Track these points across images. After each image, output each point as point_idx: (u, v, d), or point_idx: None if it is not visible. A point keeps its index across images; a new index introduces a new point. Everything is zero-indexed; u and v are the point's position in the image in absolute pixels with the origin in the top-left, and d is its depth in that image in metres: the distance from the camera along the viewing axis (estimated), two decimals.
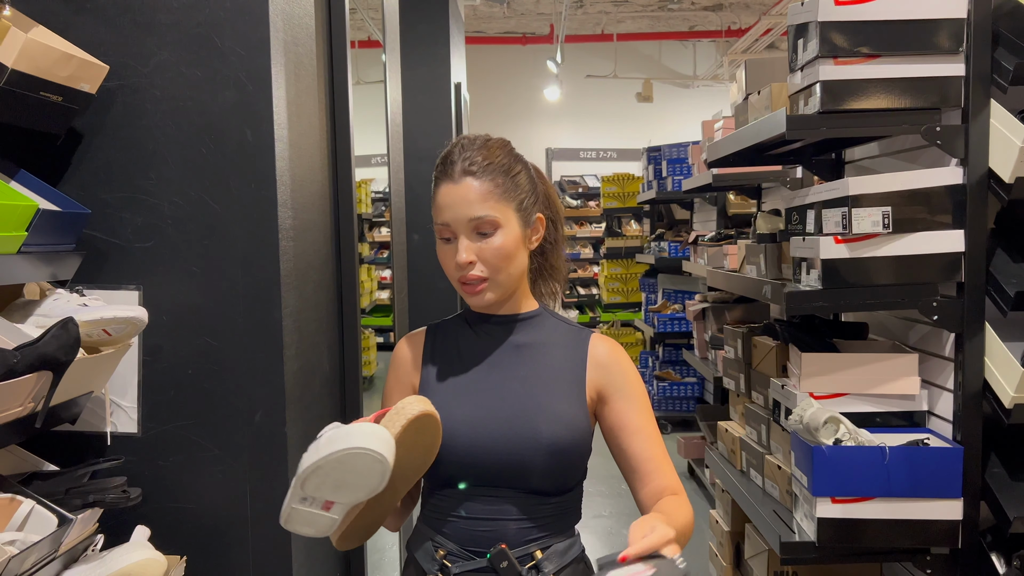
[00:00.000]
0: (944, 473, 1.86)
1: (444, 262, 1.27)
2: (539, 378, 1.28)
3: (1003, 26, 1.80)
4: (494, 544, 1.22)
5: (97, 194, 1.54)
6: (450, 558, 1.24)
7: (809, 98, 1.90)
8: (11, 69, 1.23)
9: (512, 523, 1.23)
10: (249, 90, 1.53)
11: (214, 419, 1.58)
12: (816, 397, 2.02)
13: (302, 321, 1.70)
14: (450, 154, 1.27)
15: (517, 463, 1.22)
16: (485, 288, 1.25)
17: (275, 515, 1.56)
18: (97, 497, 1.36)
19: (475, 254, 1.23)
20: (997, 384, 1.81)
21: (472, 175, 1.23)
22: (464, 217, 1.23)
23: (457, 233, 1.24)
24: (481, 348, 1.33)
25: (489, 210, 1.23)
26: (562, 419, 1.24)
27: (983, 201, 1.84)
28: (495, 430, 1.23)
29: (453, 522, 1.25)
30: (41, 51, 1.27)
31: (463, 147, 1.27)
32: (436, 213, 1.26)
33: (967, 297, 1.86)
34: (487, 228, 1.24)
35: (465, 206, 1.22)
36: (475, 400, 1.25)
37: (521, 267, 1.29)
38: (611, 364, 1.31)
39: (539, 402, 1.26)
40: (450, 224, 1.24)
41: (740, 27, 9.99)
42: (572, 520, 1.30)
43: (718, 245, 4.00)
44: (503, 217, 1.25)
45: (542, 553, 1.24)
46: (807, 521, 1.96)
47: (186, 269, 1.56)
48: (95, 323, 1.34)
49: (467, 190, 1.22)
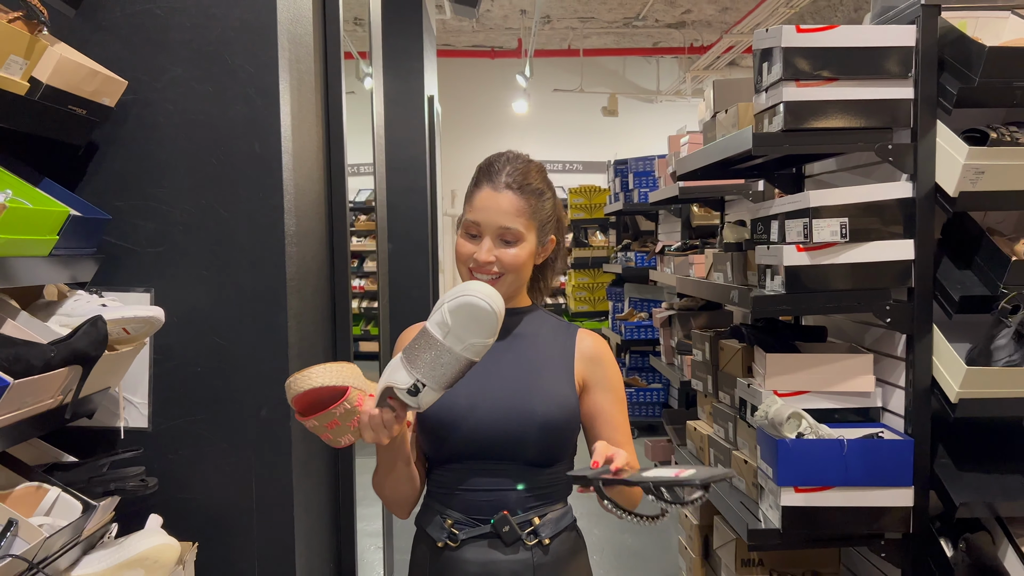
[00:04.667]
0: (897, 464, 2.01)
1: (460, 253, 1.42)
2: (533, 363, 1.43)
3: (948, 54, 1.97)
4: (497, 512, 1.35)
5: (111, 201, 1.63)
6: (457, 527, 1.37)
7: (773, 117, 2.05)
8: (46, 85, 1.32)
9: (512, 492, 1.37)
10: (258, 105, 1.64)
11: (221, 414, 1.67)
12: (780, 395, 2.16)
13: (302, 323, 1.80)
14: (495, 162, 1.42)
15: (515, 438, 1.37)
16: (495, 283, 1.40)
17: (278, 504, 1.67)
18: (118, 485, 1.45)
19: (495, 256, 1.37)
20: (944, 381, 1.97)
21: (512, 189, 1.38)
22: (496, 224, 1.38)
23: (484, 234, 1.39)
24: None
25: (518, 224, 1.39)
26: (554, 398, 1.39)
27: (930, 213, 2.00)
28: (494, 409, 1.38)
29: (459, 495, 1.39)
30: (72, 68, 1.37)
31: (508, 160, 1.43)
32: (470, 210, 1.41)
33: (917, 301, 2.02)
34: (510, 238, 1.39)
35: (500, 215, 1.37)
36: (477, 383, 1.38)
37: (526, 275, 1.45)
38: (596, 357, 1.47)
39: (533, 383, 1.41)
40: (481, 225, 1.39)
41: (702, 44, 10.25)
42: (565, 491, 1.45)
43: (684, 255, 4.16)
44: (526, 232, 1.41)
45: (539, 520, 1.38)
46: (772, 510, 2.10)
47: (196, 273, 1.65)
48: (117, 322, 1.43)
49: (505, 201, 1.37)
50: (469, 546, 1.38)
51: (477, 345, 1.21)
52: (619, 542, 4.03)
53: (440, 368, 1.21)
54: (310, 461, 1.84)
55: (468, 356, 1.21)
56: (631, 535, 4.13)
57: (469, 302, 1.20)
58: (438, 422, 1.38)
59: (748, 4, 8.72)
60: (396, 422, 1.24)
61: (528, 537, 1.37)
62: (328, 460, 2.04)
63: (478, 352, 1.22)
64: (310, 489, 1.84)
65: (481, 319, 1.20)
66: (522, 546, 1.37)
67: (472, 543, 1.38)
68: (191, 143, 1.64)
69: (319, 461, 1.94)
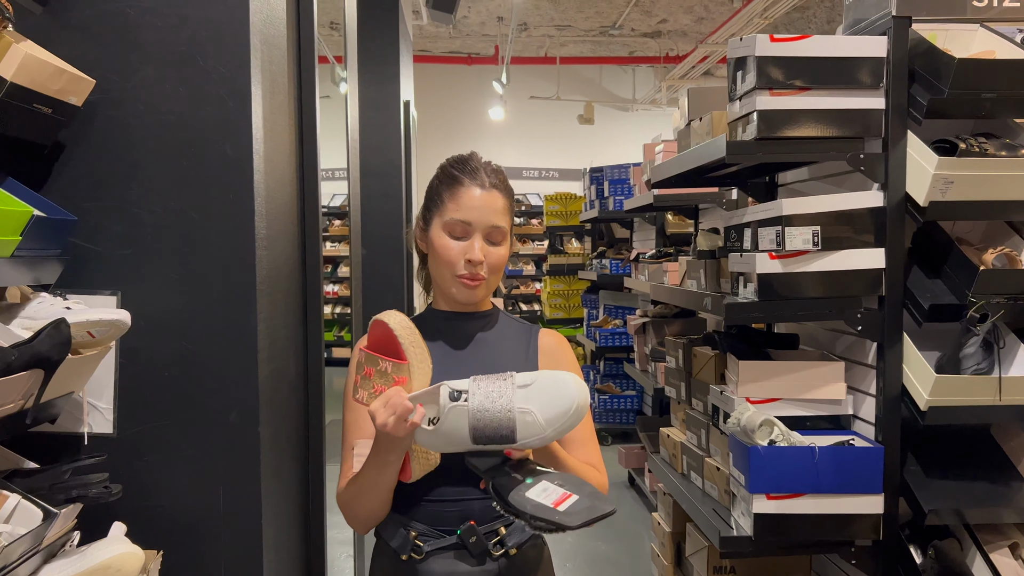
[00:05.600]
0: (867, 471, 2.03)
1: (447, 255, 1.41)
2: (496, 366, 1.42)
3: (918, 65, 1.99)
4: (463, 522, 1.33)
5: (79, 203, 1.59)
6: (422, 538, 1.35)
7: (747, 126, 2.07)
8: (10, 82, 1.29)
9: (477, 502, 1.35)
10: (230, 107, 1.61)
11: (189, 420, 1.64)
12: (752, 402, 2.17)
13: (273, 327, 1.78)
14: (469, 161, 1.43)
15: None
16: (480, 285, 1.40)
17: (246, 510, 1.64)
18: (81, 492, 1.42)
19: (484, 256, 1.38)
20: (914, 389, 1.99)
21: (498, 189, 1.39)
22: (488, 222, 1.39)
23: (473, 233, 1.39)
24: (447, 342, 1.48)
25: (504, 223, 1.42)
26: None
27: (901, 222, 2.03)
28: None
29: (424, 505, 1.37)
30: (38, 66, 1.34)
31: (479, 160, 1.45)
32: (456, 209, 1.40)
33: (887, 310, 2.04)
34: (498, 237, 1.40)
35: (492, 213, 1.38)
36: None
37: (502, 275, 1.45)
38: (555, 352, 1.49)
39: None
40: (472, 224, 1.39)
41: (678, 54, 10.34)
42: None
43: (658, 262, 4.18)
44: (508, 232, 1.43)
45: (505, 529, 1.37)
46: (744, 518, 2.10)
47: (164, 275, 1.62)
48: (81, 325, 1.39)
49: (495, 200, 1.38)
50: (434, 558, 1.35)
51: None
52: (591, 549, 4.03)
53: (489, 429, 1.22)
54: (280, 468, 1.81)
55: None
56: (604, 542, 4.13)
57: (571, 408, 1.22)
58: None
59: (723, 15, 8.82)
60: (406, 426, 1.23)
61: (494, 547, 1.36)
62: (298, 467, 2.01)
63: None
64: (279, 496, 1.82)
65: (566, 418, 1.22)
66: (488, 556, 1.35)
67: (437, 555, 1.35)
68: (161, 144, 1.61)
69: (289, 468, 1.91)
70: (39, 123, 1.43)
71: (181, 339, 1.63)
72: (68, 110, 1.48)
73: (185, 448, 1.64)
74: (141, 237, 1.61)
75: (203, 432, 1.64)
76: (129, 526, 1.56)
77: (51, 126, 1.47)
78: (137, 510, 1.62)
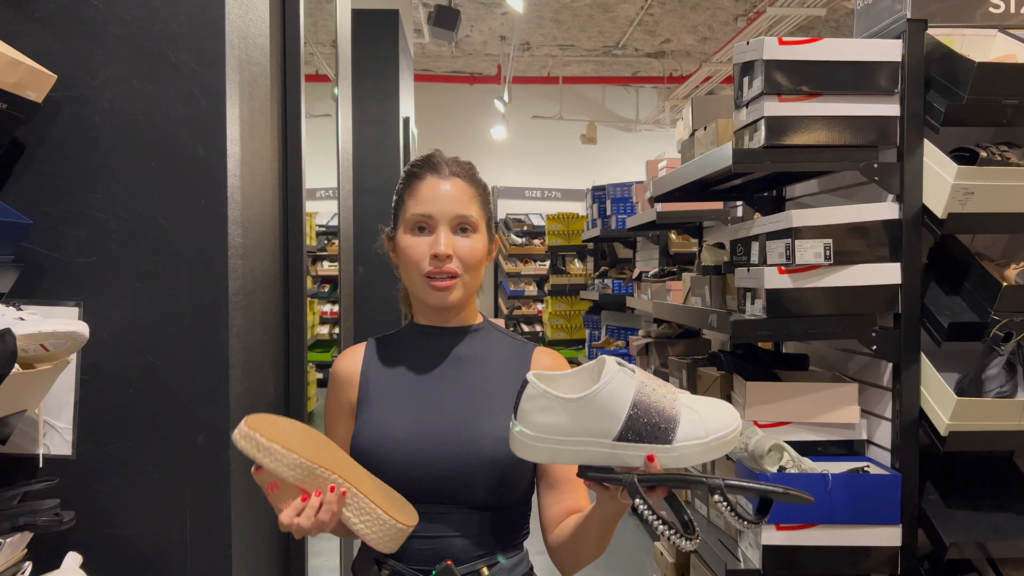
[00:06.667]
0: (883, 500, 1.90)
1: (411, 254, 1.28)
2: (482, 391, 1.29)
3: (935, 70, 1.89)
4: (439, 561, 1.20)
5: (39, 207, 1.49)
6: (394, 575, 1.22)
7: (754, 133, 1.96)
8: None
9: (458, 539, 1.22)
10: (202, 105, 1.51)
11: (155, 441, 1.52)
12: (760, 426, 2.05)
13: (248, 343, 1.67)
14: (431, 157, 1.31)
15: (459, 478, 1.22)
16: (453, 286, 1.26)
17: (215, 540, 1.52)
18: (28, 520, 1.30)
19: (452, 249, 1.24)
20: (933, 413, 1.87)
21: (460, 177, 1.27)
22: (451, 212, 1.26)
23: (437, 226, 1.26)
24: (424, 361, 1.34)
25: (473, 212, 1.28)
26: (503, 433, 1.23)
27: (918, 236, 1.91)
28: (435, 445, 1.23)
29: None
30: None
31: (442, 155, 1.31)
32: (415, 204, 1.28)
33: (903, 328, 1.92)
34: (467, 226, 1.27)
35: (453, 202, 1.25)
36: (415, 415, 1.24)
37: (480, 277, 1.32)
38: None
39: (481, 415, 1.26)
40: (434, 216, 1.26)
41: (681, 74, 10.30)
42: (519, 535, 1.30)
43: (661, 281, 4.07)
44: (480, 224, 1.29)
45: (488, 570, 1.23)
46: (752, 549, 1.97)
47: (130, 285, 1.51)
48: (33, 337, 1.28)
49: (457, 188, 1.26)
50: None
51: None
52: None
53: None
54: (253, 494, 1.69)
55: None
56: (604, 572, 3.98)
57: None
58: (368, 457, 1.23)
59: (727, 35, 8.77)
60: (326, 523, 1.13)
61: None
62: None
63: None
64: (253, 522, 1.69)
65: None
66: None
67: None
68: (128, 145, 1.51)
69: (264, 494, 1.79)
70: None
71: (147, 354, 1.52)
72: (26, 106, 1.38)
73: (150, 471, 1.52)
74: (105, 244, 1.50)
75: (169, 454, 1.52)
76: (87, 556, 1.44)
77: (6, 123, 1.37)
78: (97, 539, 1.50)
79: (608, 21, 8.83)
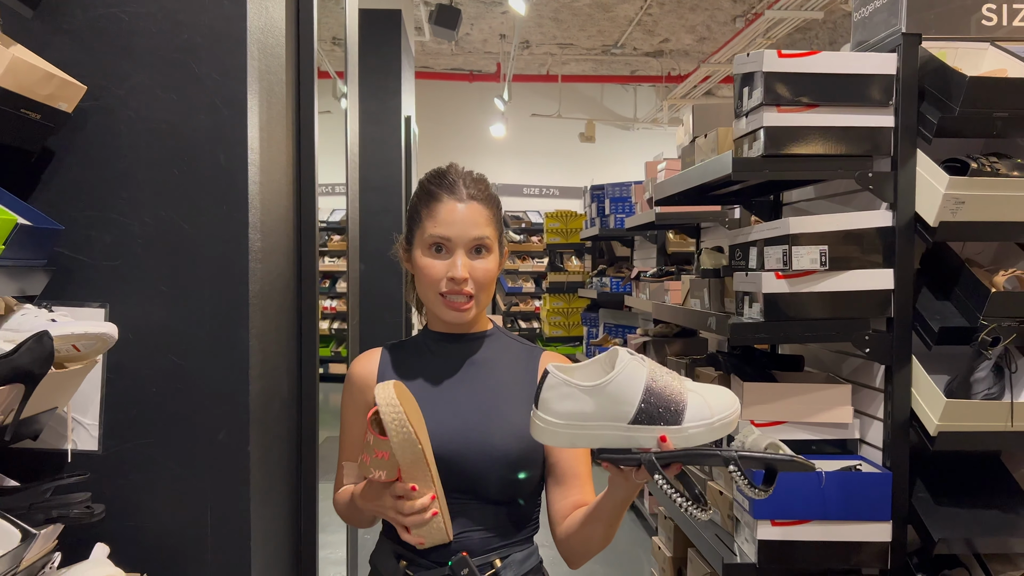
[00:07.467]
0: (875, 497, 1.97)
1: (429, 273, 1.34)
2: (494, 392, 1.36)
3: (928, 83, 1.96)
4: (455, 553, 1.27)
5: (66, 212, 1.55)
6: (412, 568, 1.29)
7: (753, 142, 2.03)
8: None
9: (473, 533, 1.30)
10: (224, 114, 1.57)
11: (176, 437, 1.58)
12: (756, 424, 2.12)
13: (266, 343, 1.73)
14: (447, 174, 1.36)
15: (474, 474, 1.29)
16: (471, 307, 1.33)
17: (234, 532, 1.58)
18: (61, 512, 1.36)
19: (469, 271, 1.31)
20: (923, 413, 1.94)
21: (477, 200, 1.32)
22: (468, 236, 1.32)
23: (455, 249, 1.32)
24: (439, 366, 1.41)
25: (489, 233, 1.34)
26: (515, 431, 1.31)
27: (910, 243, 1.98)
28: (452, 443, 1.30)
29: None
30: (26, 69, 1.30)
31: (458, 172, 1.36)
32: (433, 225, 1.34)
33: (896, 332, 1.99)
34: (483, 248, 1.32)
35: (471, 226, 1.31)
36: (433, 416, 1.31)
37: (492, 291, 1.38)
38: None
39: (493, 415, 1.33)
40: (452, 239, 1.32)
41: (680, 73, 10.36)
42: (530, 530, 1.37)
43: (660, 280, 4.14)
44: (494, 243, 1.35)
45: (501, 562, 1.30)
46: (748, 544, 2.04)
47: (154, 288, 1.58)
48: (66, 338, 1.34)
49: (475, 212, 1.31)
50: None
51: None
52: (590, 574, 3.95)
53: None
54: (270, 488, 1.75)
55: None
56: (602, 567, 4.05)
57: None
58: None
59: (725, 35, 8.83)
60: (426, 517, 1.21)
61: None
62: (289, 487, 1.95)
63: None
64: (269, 517, 1.76)
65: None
66: None
67: None
68: (153, 153, 1.57)
69: (279, 488, 1.85)
70: (27, 129, 1.38)
71: (170, 354, 1.58)
72: (58, 116, 1.44)
73: (172, 467, 1.59)
74: (130, 248, 1.57)
75: (190, 450, 1.59)
76: (112, 547, 1.50)
77: (39, 132, 1.43)
78: (121, 531, 1.57)
79: (607, 20, 8.88)
